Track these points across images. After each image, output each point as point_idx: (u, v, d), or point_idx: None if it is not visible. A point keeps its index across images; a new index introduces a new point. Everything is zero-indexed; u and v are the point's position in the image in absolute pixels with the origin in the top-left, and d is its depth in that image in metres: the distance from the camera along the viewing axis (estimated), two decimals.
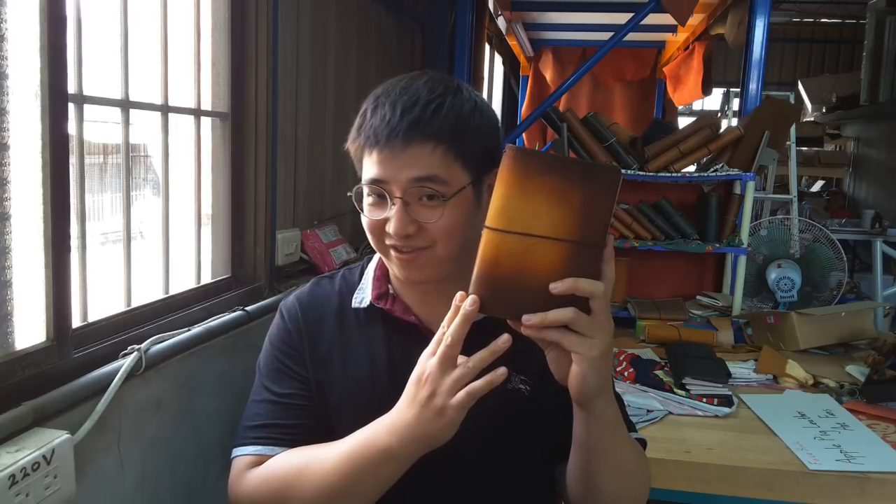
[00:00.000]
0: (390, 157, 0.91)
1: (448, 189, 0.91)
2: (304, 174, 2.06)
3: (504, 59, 5.86)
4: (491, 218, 0.78)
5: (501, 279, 0.78)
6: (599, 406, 0.84)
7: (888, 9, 6.07)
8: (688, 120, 5.35)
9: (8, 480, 0.90)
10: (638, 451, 1.00)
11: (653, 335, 2.25)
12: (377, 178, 0.93)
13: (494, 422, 0.99)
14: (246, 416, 1.04)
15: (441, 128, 0.91)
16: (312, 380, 1.04)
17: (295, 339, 1.06)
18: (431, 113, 0.91)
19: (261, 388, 1.06)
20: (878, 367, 1.88)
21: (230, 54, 1.72)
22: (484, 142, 0.96)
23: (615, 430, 0.89)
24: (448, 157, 0.91)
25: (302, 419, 1.02)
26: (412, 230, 0.92)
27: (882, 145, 6.67)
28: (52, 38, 1.07)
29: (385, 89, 0.96)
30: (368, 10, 2.59)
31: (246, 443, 1.02)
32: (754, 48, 3.04)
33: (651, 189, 2.55)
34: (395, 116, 0.91)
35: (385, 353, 1.03)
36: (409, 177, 0.91)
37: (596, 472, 0.92)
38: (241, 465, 1.00)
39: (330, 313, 1.07)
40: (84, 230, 1.24)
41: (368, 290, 1.07)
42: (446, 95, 0.93)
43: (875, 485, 1.41)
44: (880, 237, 4.84)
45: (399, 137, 0.90)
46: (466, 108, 0.94)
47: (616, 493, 0.94)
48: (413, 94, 0.92)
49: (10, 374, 1.03)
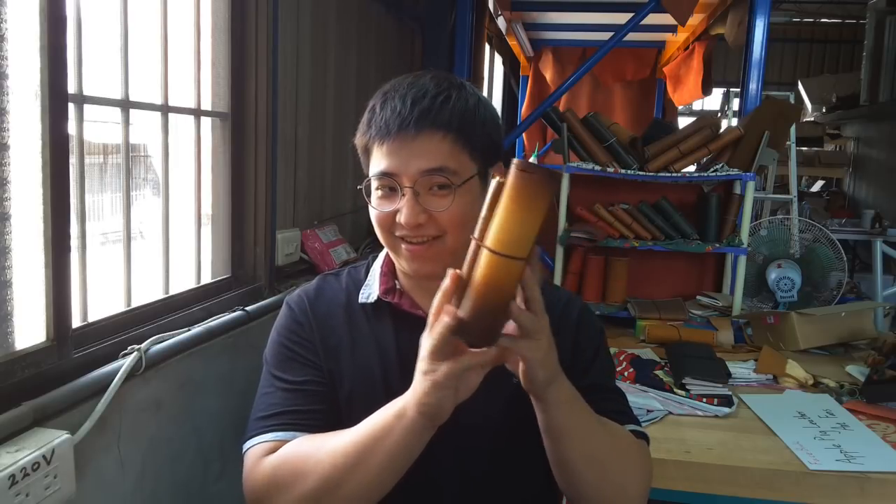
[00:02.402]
0: (401, 148, 0.93)
1: (457, 178, 0.94)
2: (304, 174, 2.06)
3: (504, 59, 5.86)
4: (507, 244, 0.73)
5: (496, 308, 0.76)
6: (552, 392, 0.87)
7: (888, 9, 6.07)
8: (688, 120, 5.34)
9: (8, 480, 0.90)
10: (620, 443, 0.99)
11: (653, 335, 2.25)
12: (387, 171, 0.95)
13: (500, 415, 1.01)
14: (257, 408, 1.02)
15: (450, 118, 0.94)
16: (325, 367, 1.04)
17: (305, 329, 1.06)
18: (440, 104, 0.94)
19: (272, 380, 1.03)
20: (878, 367, 1.88)
21: (230, 54, 1.72)
22: (490, 133, 0.99)
23: (575, 417, 0.91)
24: (456, 147, 0.94)
25: (319, 405, 1.01)
26: (423, 219, 0.94)
27: (882, 145, 6.67)
28: (52, 38, 1.07)
29: (392, 86, 0.98)
30: (368, 10, 2.59)
31: (261, 432, 0.98)
32: (754, 48, 3.04)
33: (651, 189, 2.55)
34: (405, 107, 0.93)
35: (394, 347, 1.04)
36: (420, 168, 0.93)
37: (567, 460, 0.94)
38: (256, 453, 0.97)
39: (338, 308, 1.08)
40: (84, 230, 1.24)
41: (376, 285, 1.08)
42: (452, 90, 0.96)
43: (875, 485, 1.41)
44: (880, 237, 4.84)
45: (410, 127, 0.92)
46: (472, 102, 0.97)
47: (593, 480, 0.95)
48: (421, 88, 0.95)
49: (10, 374, 1.03)
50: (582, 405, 0.93)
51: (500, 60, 5.85)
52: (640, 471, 1.00)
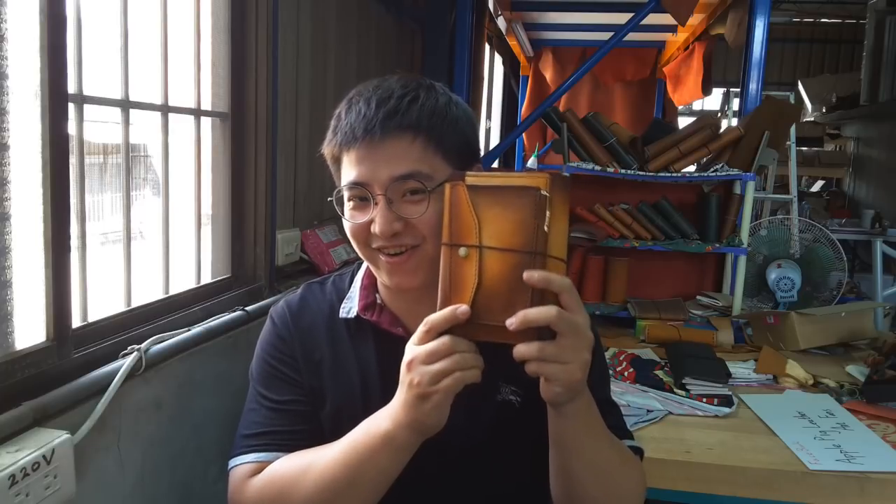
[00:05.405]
0: (369, 154, 0.89)
1: (431, 182, 0.89)
2: (304, 174, 2.06)
3: (504, 59, 5.86)
4: (563, 250, 0.81)
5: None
6: (571, 407, 0.84)
7: (888, 9, 6.07)
8: (688, 120, 5.34)
9: (8, 480, 0.90)
10: (623, 456, 0.98)
11: (653, 335, 2.25)
12: (357, 181, 0.91)
13: (486, 433, 0.99)
14: (243, 425, 1.02)
15: (418, 118, 0.89)
16: (307, 385, 1.03)
17: (287, 345, 1.04)
18: (408, 104, 0.90)
19: (257, 397, 1.03)
20: (878, 367, 1.88)
21: (230, 54, 1.72)
22: (463, 132, 0.94)
23: (589, 429, 0.89)
24: (428, 149, 0.90)
25: (302, 424, 1.00)
26: (398, 227, 0.90)
27: (882, 145, 6.67)
28: (52, 38, 1.07)
29: (357, 91, 0.95)
30: (368, 10, 2.59)
31: (245, 451, 0.99)
32: (754, 48, 3.04)
33: (651, 189, 2.55)
34: (370, 110, 0.89)
35: (375, 365, 1.02)
36: (390, 174, 0.89)
37: (573, 470, 0.91)
38: (241, 473, 0.98)
39: (320, 322, 1.05)
40: (84, 230, 1.24)
41: (356, 300, 1.05)
42: (420, 90, 0.92)
43: (875, 485, 1.41)
44: (880, 237, 4.84)
45: (376, 130, 0.88)
46: (442, 101, 0.93)
47: (594, 494, 0.93)
48: (387, 90, 0.91)
49: (10, 374, 1.03)
50: (596, 416, 0.90)
51: (500, 60, 5.85)
52: (638, 487, 0.99)
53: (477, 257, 0.80)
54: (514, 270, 0.78)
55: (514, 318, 0.76)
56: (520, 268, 0.77)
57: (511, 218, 0.79)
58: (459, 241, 0.81)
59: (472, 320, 0.79)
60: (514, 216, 0.79)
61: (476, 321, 0.79)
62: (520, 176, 0.81)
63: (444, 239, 0.82)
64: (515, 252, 0.78)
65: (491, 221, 0.80)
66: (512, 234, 0.78)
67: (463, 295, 0.80)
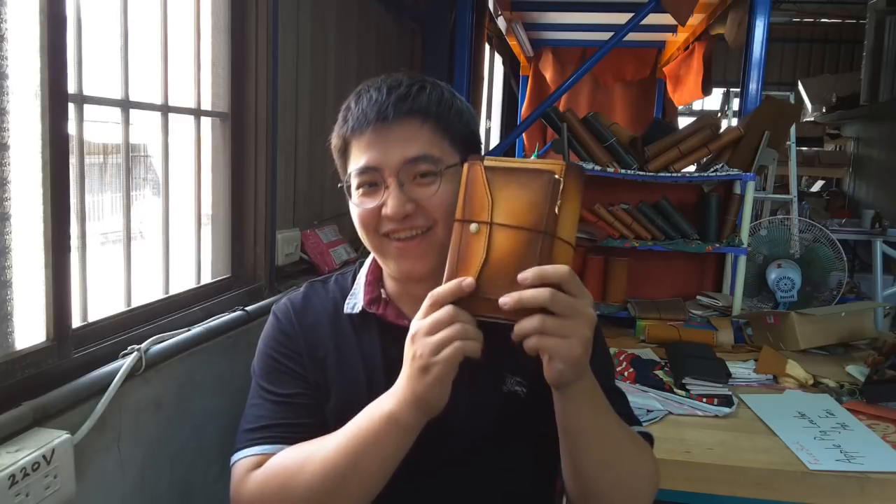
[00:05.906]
0: (380, 139, 0.92)
1: (440, 164, 0.92)
2: (304, 174, 2.06)
3: (504, 59, 5.86)
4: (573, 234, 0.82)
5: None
6: (576, 388, 0.84)
7: (888, 9, 6.08)
8: (688, 120, 5.35)
9: (8, 480, 0.90)
10: (635, 443, 0.97)
11: (653, 335, 2.25)
12: (368, 165, 0.92)
13: (491, 424, 0.99)
14: (245, 420, 1.02)
15: (427, 104, 0.93)
16: (312, 379, 1.03)
17: (292, 340, 1.04)
18: (417, 91, 0.93)
19: (259, 392, 1.03)
20: (878, 367, 1.88)
21: (230, 54, 1.72)
22: (468, 124, 0.98)
23: (596, 410, 0.88)
24: (436, 134, 0.93)
25: (306, 417, 1.00)
26: (410, 209, 0.91)
27: (882, 145, 6.67)
28: (52, 38, 1.07)
29: (366, 84, 0.98)
30: (368, 10, 2.59)
31: (248, 445, 0.98)
32: (754, 48, 3.04)
33: (651, 189, 2.55)
34: (382, 95, 0.93)
35: (381, 359, 1.02)
36: (402, 157, 0.91)
37: (584, 459, 0.90)
38: (244, 467, 0.97)
39: (324, 318, 1.06)
40: (84, 230, 1.24)
41: (360, 295, 1.05)
42: (426, 83, 0.96)
43: (875, 485, 1.41)
44: (880, 237, 4.85)
45: (389, 112, 0.91)
46: (447, 94, 0.97)
47: (607, 484, 0.91)
48: (396, 80, 0.95)
49: (10, 374, 1.03)
50: (602, 398, 0.89)
51: (500, 60, 5.86)
52: (652, 474, 0.98)
53: (487, 234, 0.81)
54: (522, 248, 0.80)
55: (507, 297, 0.77)
56: (528, 245, 0.79)
57: (524, 198, 0.81)
58: (472, 217, 0.82)
59: (477, 294, 0.80)
60: (527, 196, 0.80)
61: (480, 295, 0.80)
62: (536, 161, 0.83)
63: (457, 215, 0.84)
64: (525, 230, 0.80)
65: (504, 200, 0.81)
66: (524, 214, 0.80)
67: (469, 269, 0.81)
